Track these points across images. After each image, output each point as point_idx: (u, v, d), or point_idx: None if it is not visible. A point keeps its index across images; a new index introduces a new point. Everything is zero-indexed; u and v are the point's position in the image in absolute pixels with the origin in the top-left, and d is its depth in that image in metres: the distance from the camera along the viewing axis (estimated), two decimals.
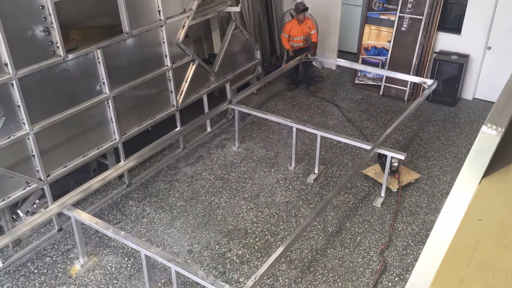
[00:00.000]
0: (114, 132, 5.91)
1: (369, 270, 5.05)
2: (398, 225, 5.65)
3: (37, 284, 4.90)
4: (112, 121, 5.83)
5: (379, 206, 5.94)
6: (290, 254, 5.25)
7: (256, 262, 5.17)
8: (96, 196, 6.12)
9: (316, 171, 6.54)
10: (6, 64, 4.55)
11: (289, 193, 6.22)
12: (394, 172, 6.20)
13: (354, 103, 8.50)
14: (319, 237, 5.52)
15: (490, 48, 8.02)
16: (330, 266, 5.12)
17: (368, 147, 5.92)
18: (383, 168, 6.32)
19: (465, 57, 8.17)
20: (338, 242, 5.44)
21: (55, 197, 5.25)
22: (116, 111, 5.80)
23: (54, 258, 5.23)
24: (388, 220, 5.72)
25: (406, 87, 8.47)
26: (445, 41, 8.35)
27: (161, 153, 6.98)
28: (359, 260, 5.19)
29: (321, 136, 6.27)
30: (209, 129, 7.57)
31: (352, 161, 6.84)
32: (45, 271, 5.07)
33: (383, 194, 6.07)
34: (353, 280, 4.94)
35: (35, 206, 5.45)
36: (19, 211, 5.37)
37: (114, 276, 5.02)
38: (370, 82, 8.93)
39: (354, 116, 8.06)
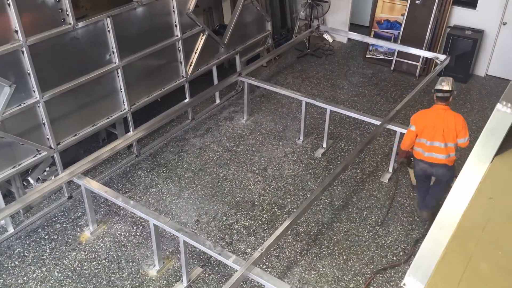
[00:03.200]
0: (124, 102, 5.91)
1: (374, 244, 5.10)
2: (405, 201, 5.67)
3: (47, 250, 5.00)
4: (121, 91, 5.82)
5: (387, 182, 5.95)
6: (296, 227, 5.30)
7: (262, 234, 5.23)
8: (105, 165, 6.17)
9: (324, 146, 6.54)
10: (16, 31, 4.53)
11: (297, 167, 6.24)
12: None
13: (365, 78, 8.41)
14: (325, 211, 5.56)
15: (505, 23, 7.85)
16: (335, 240, 5.17)
17: (378, 123, 5.89)
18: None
19: (480, 32, 8.02)
20: (345, 216, 5.47)
21: (65, 165, 5.31)
22: (125, 81, 5.78)
23: (64, 225, 5.32)
24: (395, 196, 5.73)
25: (418, 62, 8.35)
26: (460, 16, 8.18)
27: (169, 124, 6.99)
28: (365, 234, 5.24)
29: (331, 111, 6.24)
30: (218, 101, 7.55)
31: (361, 136, 6.82)
32: (56, 237, 5.16)
33: (390, 169, 6.07)
34: (358, 254, 5.00)
35: (45, 173, 5.52)
36: (29, 178, 5.44)
37: (123, 244, 5.11)
38: (382, 57, 8.81)
39: (364, 91, 7.98)
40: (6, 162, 4.85)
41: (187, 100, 6.80)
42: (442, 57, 7.23)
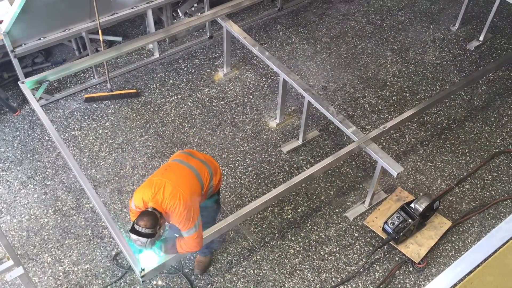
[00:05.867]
0: None
1: (506, 155, 4.73)
2: None
3: (184, 80, 5.41)
4: None
5: None
6: (424, 116, 5.06)
7: (387, 115, 5.10)
8: (247, 13, 6.21)
9: (481, 39, 5.84)
10: None
11: (443, 55, 5.74)
12: None
13: None
14: (461, 107, 5.18)
15: None
16: (463, 139, 4.88)
17: None
18: None
19: None
20: (480, 118, 5.07)
21: (211, 5, 5.44)
22: None
23: (202, 62, 5.64)
24: None
25: None
26: None
27: None
28: (498, 141, 4.85)
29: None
30: None
31: None
32: (193, 71, 5.53)
33: None
34: (484, 158, 4.70)
35: (193, 9, 5.74)
36: (178, 10, 5.71)
37: (250, 91, 5.33)
38: None
39: None
40: None
41: None
42: None
